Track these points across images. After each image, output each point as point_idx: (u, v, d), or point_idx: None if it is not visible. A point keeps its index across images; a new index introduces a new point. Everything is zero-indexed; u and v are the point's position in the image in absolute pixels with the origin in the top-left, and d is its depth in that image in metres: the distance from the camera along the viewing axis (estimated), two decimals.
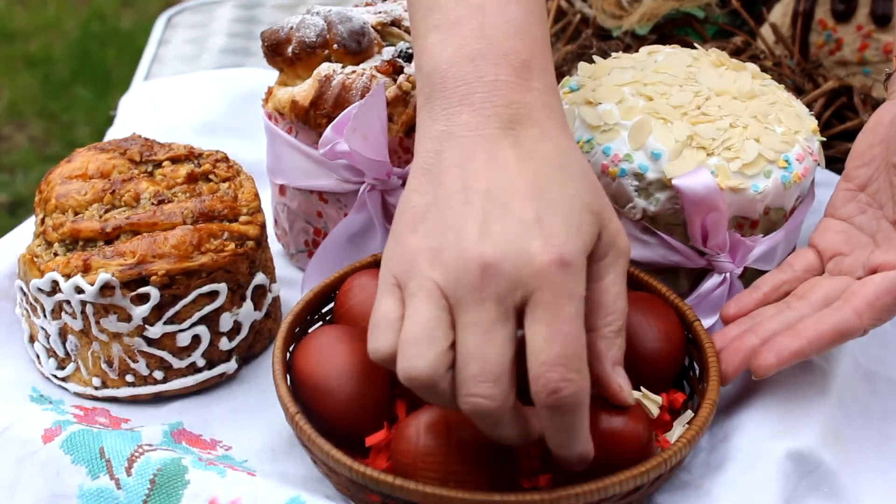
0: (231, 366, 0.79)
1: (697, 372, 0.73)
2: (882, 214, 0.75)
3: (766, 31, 1.09)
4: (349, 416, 0.68)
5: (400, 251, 0.62)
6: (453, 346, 0.59)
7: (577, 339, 0.58)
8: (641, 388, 0.71)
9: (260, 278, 0.79)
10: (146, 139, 0.82)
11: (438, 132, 0.64)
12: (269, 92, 0.86)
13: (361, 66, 0.82)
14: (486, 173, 0.62)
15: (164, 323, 0.75)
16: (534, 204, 0.60)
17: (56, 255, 0.75)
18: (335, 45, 0.82)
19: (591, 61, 0.84)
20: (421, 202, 0.63)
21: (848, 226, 0.76)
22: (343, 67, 0.82)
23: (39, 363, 0.79)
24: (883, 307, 0.71)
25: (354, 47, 0.82)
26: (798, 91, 1.00)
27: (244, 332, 0.78)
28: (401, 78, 0.81)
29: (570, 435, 0.60)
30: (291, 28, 0.84)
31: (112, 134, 1.06)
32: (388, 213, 0.82)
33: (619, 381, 0.64)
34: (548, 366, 0.57)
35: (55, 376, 0.78)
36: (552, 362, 0.57)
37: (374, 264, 0.78)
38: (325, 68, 0.82)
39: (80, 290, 0.73)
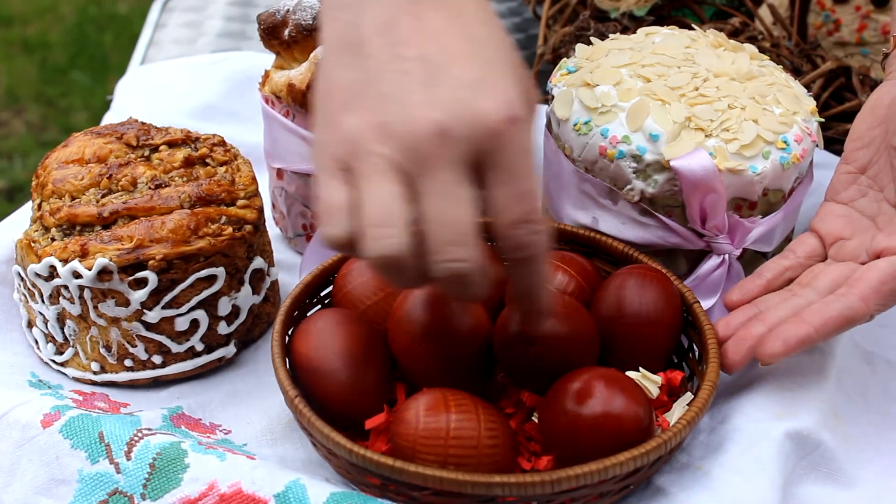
0: (230, 350, 0.79)
1: (697, 354, 0.73)
2: (883, 197, 0.75)
3: (763, 12, 1.08)
4: (348, 399, 0.68)
5: (337, 133, 0.58)
6: (414, 220, 0.58)
7: (536, 194, 0.59)
8: (640, 368, 0.71)
9: (258, 262, 0.78)
10: (143, 123, 0.82)
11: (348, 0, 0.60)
12: (266, 75, 0.86)
13: None
14: (416, 38, 0.59)
15: (163, 307, 0.74)
16: (473, 63, 0.59)
17: (53, 240, 0.75)
18: None
19: (589, 43, 0.84)
20: (348, 78, 0.59)
21: (849, 210, 0.76)
22: None
23: (38, 348, 0.79)
24: (888, 292, 0.70)
25: None
26: (796, 72, 1.00)
27: (243, 316, 0.78)
28: None
29: (537, 281, 0.62)
30: (288, 11, 0.83)
31: (109, 118, 1.06)
32: None
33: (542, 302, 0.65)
34: (515, 224, 0.58)
35: (54, 361, 0.78)
36: (518, 220, 0.58)
37: None
38: (319, 52, 0.81)
39: (77, 275, 0.73)
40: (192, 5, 1.38)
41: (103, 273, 0.73)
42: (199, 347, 0.77)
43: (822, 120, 0.82)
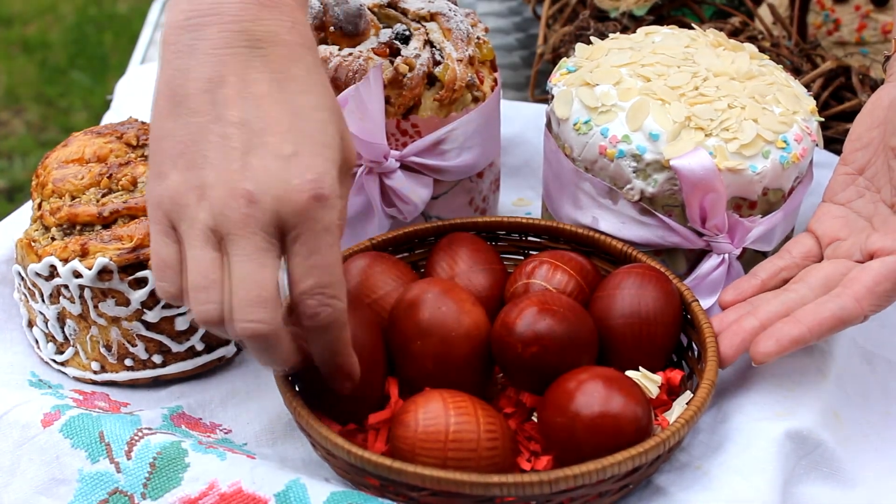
0: (230, 349, 0.79)
1: (696, 352, 0.73)
2: (879, 198, 0.75)
3: (763, 11, 1.08)
4: (348, 398, 0.68)
5: (166, 188, 0.61)
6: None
7: (332, 268, 0.61)
8: (640, 367, 0.71)
9: None
10: (143, 123, 0.82)
11: (185, 46, 0.62)
12: None
13: (358, 48, 0.82)
14: (239, 102, 0.61)
15: (163, 307, 0.75)
16: (290, 136, 0.61)
17: (53, 239, 0.75)
18: (331, 28, 0.82)
19: (589, 42, 0.84)
20: (175, 131, 0.62)
21: (846, 210, 0.76)
22: (339, 50, 0.82)
23: (38, 348, 0.79)
24: (882, 293, 0.71)
25: (351, 29, 0.82)
26: (796, 71, 1.00)
27: None
28: (398, 60, 0.81)
29: (332, 351, 0.64)
30: None
31: (109, 118, 1.06)
32: (385, 196, 0.82)
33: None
34: (307, 295, 0.61)
35: (54, 361, 0.78)
36: (310, 291, 0.61)
37: (372, 248, 0.78)
38: (321, 51, 0.81)
39: (77, 275, 0.73)
40: None
41: (103, 272, 0.73)
42: (200, 347, 0.77)
43: (822, 119, 0.82)
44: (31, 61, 2.72)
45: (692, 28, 0.86)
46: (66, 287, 0.74)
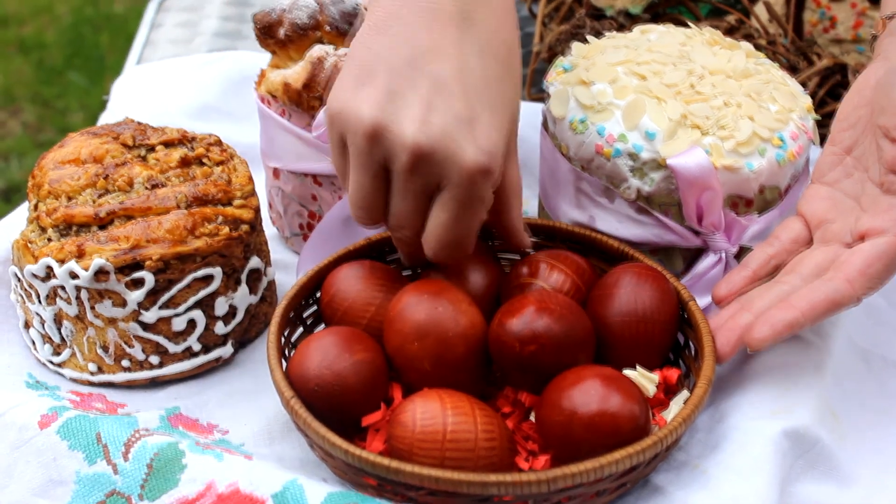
0: (227, 350, 0.79)
1: (693, 351, 0.73)
2: (867, 177, 0.75)
3: (759, 9, 1.08)
4: (347, 404, 0.68)
5: (347, 109, 0.67)
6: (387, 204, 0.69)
7: (471, 235, 0.70)
8: (637, 366, 0.71)
9: (255, 262, 0.78)
10: (139, 123, 0.82)
11: (398, 2, 0.68)
12: (262, 75, 0.86)
13: None
14: (436, 57, 0.66)
15: (160, 308, 0.75)
16: (474, 101, 0.66)
17: (50, 240, 0.75)
18: (327, 27, 0.82)
19: (585, 41, 0.84)
20: (371, 58, 0.67)
21: (834, 191, 0.76)
22: (335, 49, 0.82)
23: (35, 349, 0.79)
24: (874, 274, 0.70)
25: (346, 28, 0.82)
26: (792, 69, 1.00)
27: (240, 317, 0.78)
28: None
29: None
30: (283, 10, 0.83)
31: (105, 118, 1.06)
32: None
33: (522, 230, 0.76)
34: (440, 246, 0.69)
35: (51, 362, 0.78)
36: (443, 245, 0.69)
37: (368, 248, 0.78)
38: (317, 50, 0.81)
39: (74, 276, 0.73)
40: (188, 5, 1.38)
41: (100, 273, 0.73)
42: (197, 348, 0.77)
43: (819, 117, 0.82)
44: (28, 62, 2.72)
45: (688, 26, 0.85)
46: (63, 288, 0.74)
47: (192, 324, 0.76)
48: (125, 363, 0.76)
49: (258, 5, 1.34)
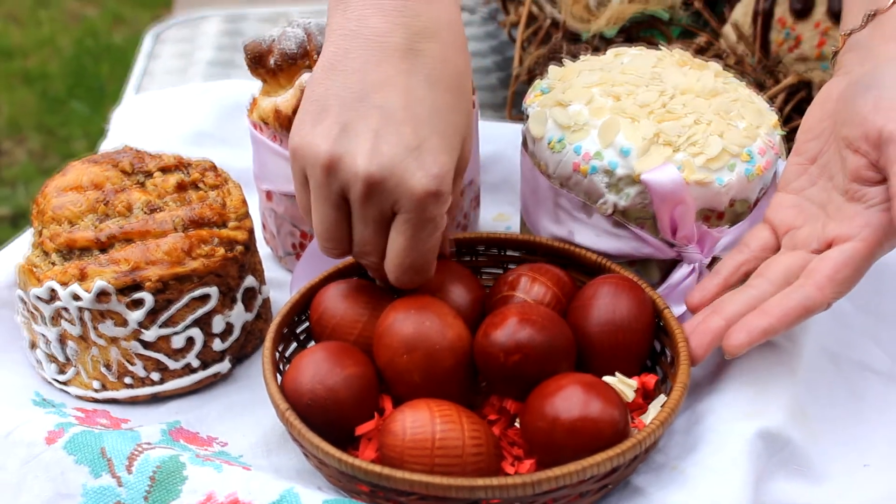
0: (224, 366, 0.79)
1: (669, 357, 0.74)
2: (832, 185, 0.75)
3: (728, 30, 1.09)
4: (340, 416, 0.68)
5: (305, 145, 0.68)
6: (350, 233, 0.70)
7: (430, 256, 0.70)
8: (616, 372, 0.71)
9: (250, 281, 0.79)
10: (137, 150, 0.82)
11: (349, 31, 0.68)
12: (254, 102, 0.86)
13: None
14: (385, 89, 0.67)
15: (159, 326, 0.75)
16: (421, 131, 0.67)
17: (53, 264, 0.75)
18: (315, 55, 0.83)
19: (562, 64, 0.85)
20: (324, 94, 0.68)
21: (800, 199, 0.76)
22: None
23: (41, 369, 0.79)
24: (843, 280, 0.71)
25: None
26: (760, 87, 1.01)
27: (236, 333, 0.79)
28: None
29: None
30: (273, 40, 0.84)
31: (105, 146, 1.06)
32: None
33: (446, 241, 0.77)
34: (400, 270, 0.70)
35: (56, 381, 0.78)
36: (403, 269, 0.70)
37: (357, 266, 0.78)
38: (306, 78, 0.82)
39: (77, 298, 0.73)
40: (184, 36, 1.39)
41: (102, 295, 0.73)
42: (195, 364, 0.77)
43: (785, 132, 0.83)
44: (32, 92, 2.72)
45: (659, 48, 0.86)
46: (67, 309, 0.74)
47: (190, 341, 0.76)
48: (127, 380, 0.76)
49: (251, 35, 1.35)
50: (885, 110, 0.70)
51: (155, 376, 0.77)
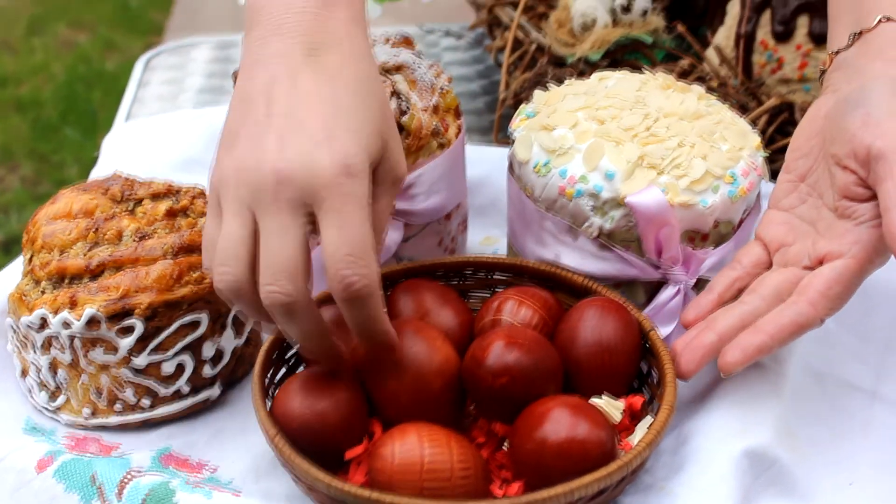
0: (215, 391, 0.79)
1: (655, 378, 0.73)
2: (822, 203, 0.75)
3: (711, 53, 1.10)
4: (329, 440, 0.68)
5: (217, 171, 0.65)
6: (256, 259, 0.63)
7: (364, 239, 0.62)
8: (603, 394, 0.71)
9: None
10: (127, 178, 0.82)
11: (252, 61, 0.68)
12: None
13: None
14: (287, 96, 0.65)
15: (149, 353, 0.75)
16: (327, 123, 0.64)
17: (44, 292, 0.75)
18: None
19: (547, 88, 0.85)
20: (234, 125, 0.66)
21: (790, 216, 0.77)
22: None
23: (32, 396, 0.79)
24: (835, 296, 0.71)
25: None
26: (742, 109, 1.01)
27: (226, 359, 0.78)
28: None
29: (370, 320, 0.64)
30: None
31: (96, 173, 1.06)
32: None
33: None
34: (340, 264, 0.61)
35: (47, 408, 0.78)
36: (343, 261, 0.61)
37: None
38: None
39: (67, 325, 0.73)
40: (174, 63, 1.39)
41: (92, 322, 0.73)
42: (186, 389, 0.77)
43: (768, 154, 0.83)
44: (25, 119, 2.72)
45: (643, 72, 0.86)
46: (57, 337, 0.74)
47: (180, 367, 0.76)
48: (118, 406, 0.76)
49: (238, 62, 1.35)
50: (873, 127, 0.71)
51: (145, 402, 0.76)
